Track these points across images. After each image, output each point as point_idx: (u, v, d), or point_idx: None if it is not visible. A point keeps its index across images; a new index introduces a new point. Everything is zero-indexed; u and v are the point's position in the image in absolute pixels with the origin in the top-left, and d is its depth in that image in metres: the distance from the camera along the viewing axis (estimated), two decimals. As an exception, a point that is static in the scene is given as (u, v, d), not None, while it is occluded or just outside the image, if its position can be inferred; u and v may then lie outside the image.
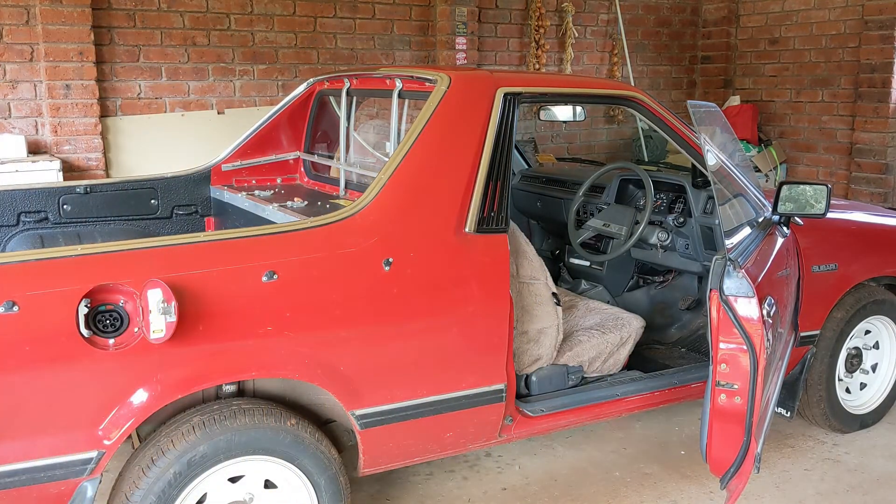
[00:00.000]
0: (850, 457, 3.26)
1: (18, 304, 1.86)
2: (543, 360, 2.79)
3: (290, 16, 5.64)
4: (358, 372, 2.29)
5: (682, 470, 3.14)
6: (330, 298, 2.22)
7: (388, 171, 2.39)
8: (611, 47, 7.10)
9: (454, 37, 6.11)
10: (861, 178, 6.42)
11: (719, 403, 2.40)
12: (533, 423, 2.69)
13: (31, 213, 3.09)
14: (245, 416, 2.18)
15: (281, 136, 3.56)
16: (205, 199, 3.41)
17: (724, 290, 2.32)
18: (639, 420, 3.54)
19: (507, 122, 2.54)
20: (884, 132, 6.22)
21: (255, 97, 5.61)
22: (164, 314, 1.95)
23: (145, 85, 5.22)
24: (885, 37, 6.14)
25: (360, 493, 2.91)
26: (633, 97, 2.87)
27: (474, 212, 2.44)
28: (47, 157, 4.64)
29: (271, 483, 2.28)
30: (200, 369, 2.07)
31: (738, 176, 2.84)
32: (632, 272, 3.82)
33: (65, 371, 1.92)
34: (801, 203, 2.85)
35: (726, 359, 2.36)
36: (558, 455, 3.25)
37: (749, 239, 2.60)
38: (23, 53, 4.78)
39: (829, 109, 6.69)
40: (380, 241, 2.29)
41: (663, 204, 3.50)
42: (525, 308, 2.72)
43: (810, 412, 3.36)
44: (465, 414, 2.52)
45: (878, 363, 3.50)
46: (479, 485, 3.03)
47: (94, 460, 1.99)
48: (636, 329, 3.10)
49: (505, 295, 2.50)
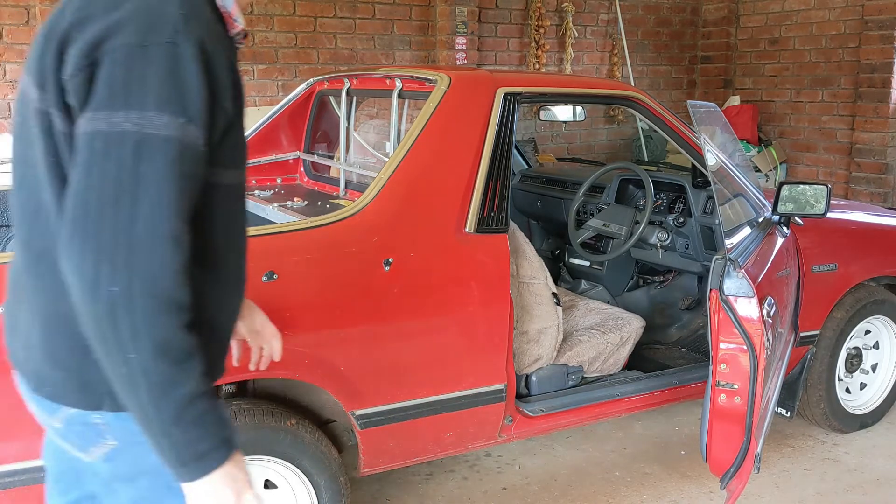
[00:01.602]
0: (850, 457, 3.26)
1: (18, 304, 1.86)
2: (543, 360, 2.79)
3: (290, 16, 5.65)
4: (358, 372, 2.29)
5: (682, 470, 3.14)
6: (330, 298, 2.22)
7: (388, 171, 2.39)
8: (611, 47, 7.10)
9: (454, 37, 6.11)
10: (861, 178, 6.43)
11: (719, 403, 2.40)
12: (533, 423, 2.69)
13: (31, 213, 3.09)
14: (245, 416, 2.18)
15: (281, 136, 3.56)
16: (205, 199, 3.40)
17: (724, 290, 2.32)
18: (639, 420, 3.54)
19: (507, 122, 2.54)
20: (884, 132, 6.22)
21: (255, 97, 5.61)
22: (164, 314, 1.95)
23: (145, 85, 5.22)
24: (885, 37, 6.14)
25: (360, 493, 2.91)
26: (633, 97, 2.87)
27: (474, 212, 2.44)
28: (47, 157, 4.64)
29: (271, 483, 2.28)
30: (200, 369, 2.07)
31: (738, 176, 2.84)
32: (632, 272, 3.82)
33: (65, 371, 1.92)
34: (801, 203, 2.85)
35: (726, 359, 2.36)
36: (558, 455, 3.25)
37: (749, 239, 2.60)
38: (23, 53, 4.78)
39: (829, 109, 6.69)
40: (380, 241, 2.29)
41: (663, 204, 3.50)
42: (525, 308, 2.72)
43: (810, 412, 3.36)
44: (465, 414, 2.52)
45: (878, 363, 3.50)
46: (479, 485, 3.03)
47: (94, 460, 1.99)
48: (636, 329, 3.10)
49: (505, 295, 2.50)
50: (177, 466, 1.15)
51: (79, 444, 1.28)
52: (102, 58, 1.12)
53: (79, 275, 1.09)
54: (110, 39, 1.12)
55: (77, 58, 1.13)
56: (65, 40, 1.15)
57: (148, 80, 1.11)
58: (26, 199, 1.25)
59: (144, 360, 1.09)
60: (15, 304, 1.31)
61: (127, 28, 1.12)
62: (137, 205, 1.09)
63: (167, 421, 1.12)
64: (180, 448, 1.14)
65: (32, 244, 1.24)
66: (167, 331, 1.10)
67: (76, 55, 1.13)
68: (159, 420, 1.12)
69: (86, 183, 1.10)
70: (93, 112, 1.11)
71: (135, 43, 1.11)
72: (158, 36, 1.12)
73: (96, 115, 1.11)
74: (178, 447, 1.14)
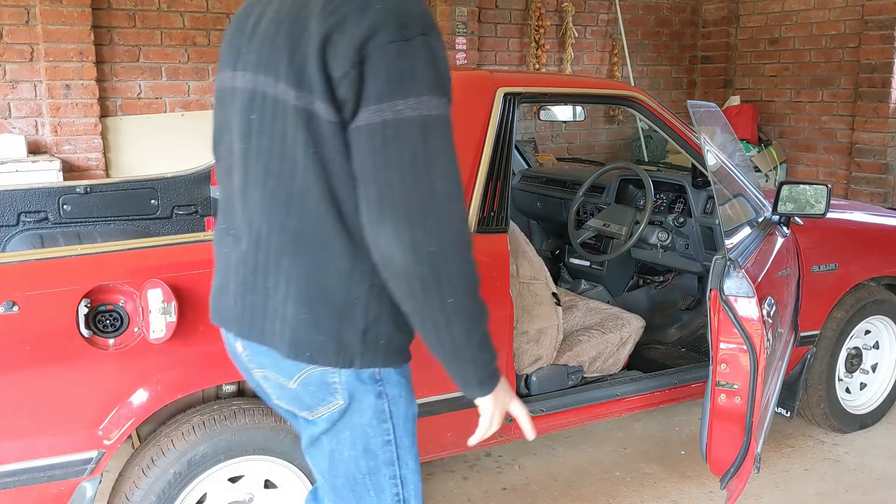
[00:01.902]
0: (850, 457, 3.26)
1: (18, 304, 1.86)
2: (543, 360, 2.79)
3: (290, 16, 5.64)
4: (358, 372, 2.28)
5: (682, 470, 3.14)
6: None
7: (388, 171, 2.38)
8: (611, 47, 7.09)
9: (454, 37, 6.10)
10: (861, 178, 6.42)
11: (719, 403, 2.40)
12: (533, 422, 2.68)
13: (31, 213, 3.09)
14: (245, 416, 2.18)
15: (281, 136, 3.56)
16: (205, 199, 3.41)
17: (724, 290, 2.32)
18: (639, 420, 3.54)
19: (507, 121, 2.54)
20: (884, 132, 6.22)
21: (255, 97, 5.60)
22: (164, 314, 1.95)
23: (145, 85, 5.22)
24: (885, 37, 6.13)
25: (360, 493, 2.90)
26: (633, 97, 2.87)
27: (474, 212, 2.44)
28: (47, 157, 4.64)
29: (271, 483, 2.28)
30: (200, 369, 2.08)
31: (738, 176, 2.84)
32: (632, 272, 3.82)
33: (65, 371, 1.92)
34: (801, 203, 2.85)
35: (726, 359, 2.36)
36: (558, 455, 3.25)
37: (749, 239, 2.60)
38: (23, 53, 4.78)
39: (829, 109, 6.69)
40: (380, 241, 2.29)
41: (663, 204, 3.50)
42: (525, 308, 2.72)
43: (810, 412, 3.36)
44: (465, 414, 2.51)
45: (878, 363, 3.50)
46: (479, 484, 3.03)
47: (94, 460, 1.99)
48: (636, 329, 3.10)
49: (505, 295, 2.50)
50: (475, 386, 1.43)
51: (308, 405, 1.49)
52: (370, 55, 1.28)
53: (398, 245, 1.30)
54: (374, 38, 1.28)
55: (345, 57, 1.29)
56: (325, 42, 1.30)
57: (416, 70, 1.30)
58: (276, 187, 1.40)
59: (460, 301, 1.34)
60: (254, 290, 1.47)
61: (387, 27, 1.29)
62: (433, 177, 1.30)
63: (475, 348, 1.38)
64: (480, 369, 1.41)
65: (287, 227, 1.40)
66: (472, 273, 1.36)
67: (343, 55, 1.29)
68: (469, 349, 1.38)
69: (385, 167, 1.29)
70: (376, 104, 1.29)
71: (399, 38, 1.29)
72: (414, 30, 1.30)
73: (380, 106, 1.28)
74: (479, 369, 1.41)
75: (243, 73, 1.45)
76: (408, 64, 1.29)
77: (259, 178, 1.42)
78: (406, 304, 1.36)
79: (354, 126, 1.31)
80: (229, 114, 1.52)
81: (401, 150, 1.28)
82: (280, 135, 1.38)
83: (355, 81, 1.29)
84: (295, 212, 1.39)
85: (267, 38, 1.40)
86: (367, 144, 1.30)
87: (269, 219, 1.42)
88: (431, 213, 1.30)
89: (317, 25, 1.31)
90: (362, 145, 1.30)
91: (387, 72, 1.28)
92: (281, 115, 1.37)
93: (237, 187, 1.48)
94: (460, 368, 1.41)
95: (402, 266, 1.30)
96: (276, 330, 1.44)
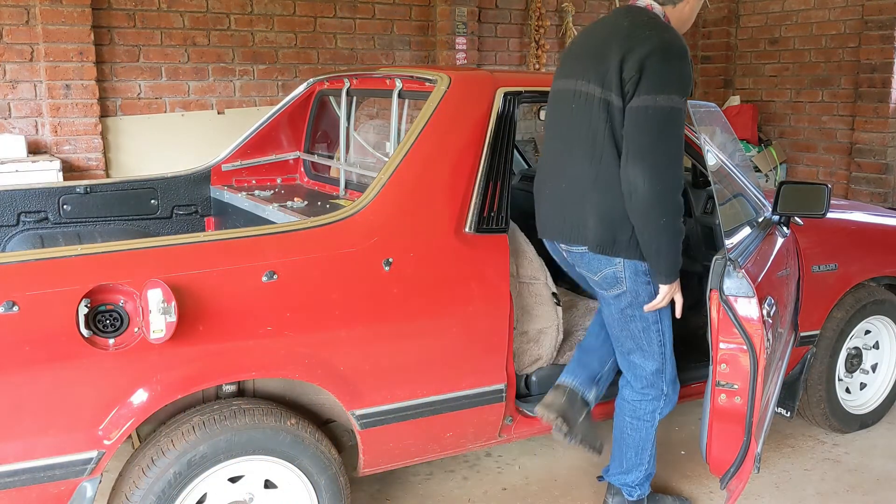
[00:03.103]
0: (850, 457, 3.26)
1: (18, 304, 1.86)
2: (543, 360, 2.79)
3: (290, 16, 5.65)
4: (358, 372, 2.29)
5: (682, 470, 3.14)
6: (330, 298, 2.22)
7: (388, 171, 2.39)
8: (611, 47, 7.08)
9: (454, 37, 6.11)
10: (861, 178, 6.42)
11: (719, 403, 2.40)
12: (533, 423, 2.69)
13: (31, 213, 3.10)
14: (245, 416, 2.18)
15: (281, 136, 3.56)
16: (205, 199, 3.41)
17: (724, 290, 2.32)
18: (639, 420, 3.53)
19: (508, 121, 2.54)
20: (884, 132, 6.22)
21: (255, 97, 5.61)
22: (164, 314, 1.95)
23: (145, 85, 5.23)
24: (885, 37, 6.14)
25: (360, 493, 2.91)
26: (633, 97, 2.87)
27: (474, 212, 2.44)
28: (47, 157, 4.64)
29: (271, 483, 2.28)
30: (200, 369, 2.08)
31: (738, 176, 2.84)
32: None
33: (65, 371, 1.92)
34: (800, 203, 2.85)
35: (726, 359, 2.36)
36: (558, 455, 3.25)
37: (749, 239, 2.60)
38: (23, 53, 4.78)
39: (829, 109, 6.69)
40: (380, 241, 2.29)
41: (663, 204, 3.49)
42: (525, 308, 2.72)
43: (810, 412, 3.36)
44: (465, 414, 2.52)
45: (878, 363, 3.50)
46: (479, 485, 3.03)
47: (94, 460, 1.99)
48: (636, 329, 3.10)
49: (505, 295, 2.50)
50: (664, 275, 2.33)
51: (605, 285, 2.45)
52: (646, 67, 2.21)
53: (642, 179, 2.20)
54: (650, 58, 2.22)
55: (632, 68, 2.22)
56: (622, 60, 2.24)
57: (671, 78, 2.23)
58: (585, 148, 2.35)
59: (670, 220, 2.25)
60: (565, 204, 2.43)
61: (657, 53, 2.23)
62: (669, 143, 2.22)
63: (674, 252, 2.30)
64: (672, 266, 2.32)
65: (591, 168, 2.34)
66: (680, 206, 2.27)
67: (632, 66, 2.22)
68: (672, 253, 2.30)
69: (645, 131, 2.21)
70: (644, 96, 2.21)
71: (664, 59, 2.23)
72: (675, 55, 2.25)
73: (646, 98, 2.21)
74: (672, 266, 2.32)
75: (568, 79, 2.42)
76: (667, 75, 2.21)
77: (575, 143, 2.37)
78: (637, 218, 2.26)
79: (630, 107, 2.23)
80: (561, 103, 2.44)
81: (653, 123, 2.20)
82: (591, 115, 2.32)
83: (636, 82, 2.21)
84: (597, 155, 2.31)
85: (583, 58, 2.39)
86: (635, 117, 2.22)
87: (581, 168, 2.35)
88: (664, 164, 2.20)
89: (616, 51, 2.25)
90: (632, 118, 2.23)
91: (653, 77, 2.20)
92: (593, 105, 2.31)
93: (560, 149, 2.43)
94: (658, 263, 2.30)
95: (642, 193, 2.20)
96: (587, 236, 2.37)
